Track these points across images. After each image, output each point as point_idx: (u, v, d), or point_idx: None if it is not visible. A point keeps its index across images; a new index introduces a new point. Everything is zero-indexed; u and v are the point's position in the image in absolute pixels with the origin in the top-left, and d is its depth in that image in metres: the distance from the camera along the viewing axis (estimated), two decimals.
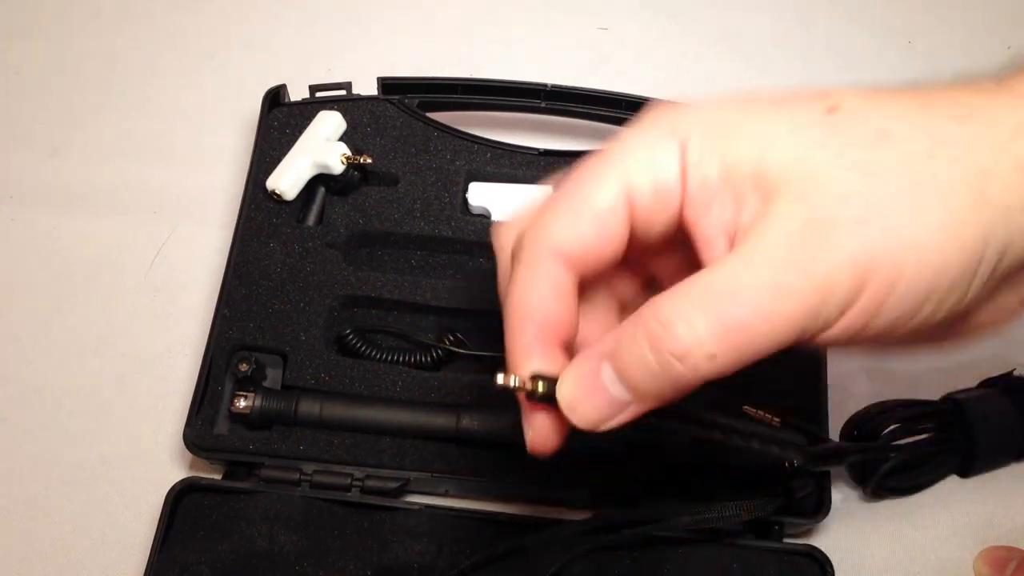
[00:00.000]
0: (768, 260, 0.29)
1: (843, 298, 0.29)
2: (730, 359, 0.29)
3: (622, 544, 0.52)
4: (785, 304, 0.29)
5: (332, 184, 0.59)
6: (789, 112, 0.31)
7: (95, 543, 0.54)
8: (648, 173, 0.32)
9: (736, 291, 0.29)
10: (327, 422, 0.53)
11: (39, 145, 0.67)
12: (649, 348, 0.30)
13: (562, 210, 0.33)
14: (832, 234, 0.29)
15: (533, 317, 0.33)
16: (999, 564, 0.52)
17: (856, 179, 0.30)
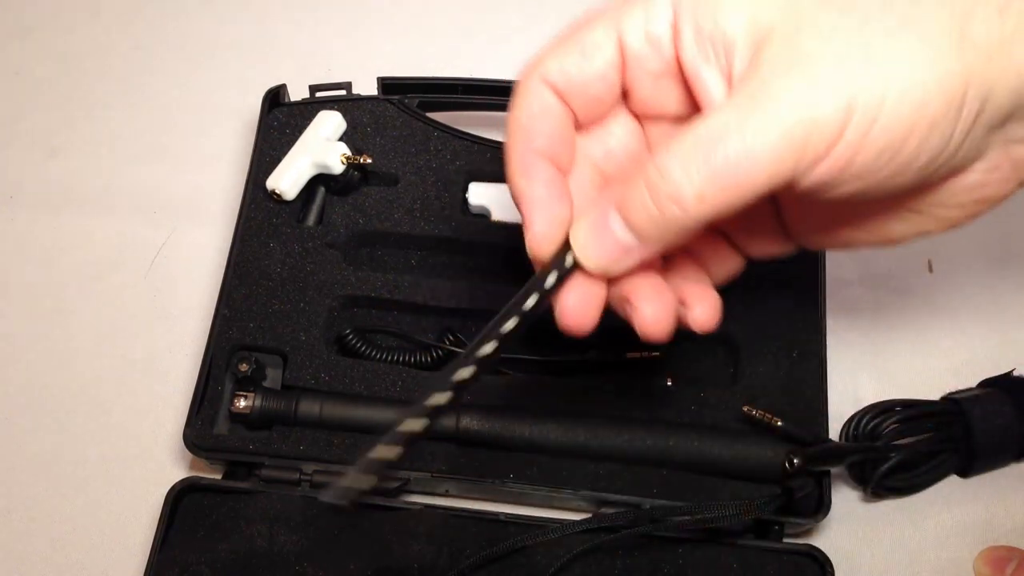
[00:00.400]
0: (752, 98, 0.31)
1: (828, 131, 0.30)
2: (719, 199, 0.31)
3: (622, 544, 0.52)
4: (768, 138, 0.30)
5: (332, 184, 0.59)
6: None
7: (95, 543, 0.54)
8: (639, 20, 0.34)
9: (723, 132, 0.31)
10: (327, 422, 0.53)
11: (39, 145, 0.68)
12: (648, 193, 0.32)
13: (553, 47, 0.37)
14: (815, 69, 0.30)
15: (524, 133, 0.36)
16: (999, 564, 0.52)
17: (840, 18, 0.31)
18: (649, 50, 0.35)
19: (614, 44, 0.35)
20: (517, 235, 0.57)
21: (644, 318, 0.36)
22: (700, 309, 0.37)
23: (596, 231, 0.34)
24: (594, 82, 0.36)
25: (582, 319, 0.36)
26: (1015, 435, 0.54)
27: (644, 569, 0.51)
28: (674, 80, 0.36)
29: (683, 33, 0.34)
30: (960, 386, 0.56)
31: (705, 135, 0.31)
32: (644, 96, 0.37)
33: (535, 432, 0.53)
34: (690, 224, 0.32)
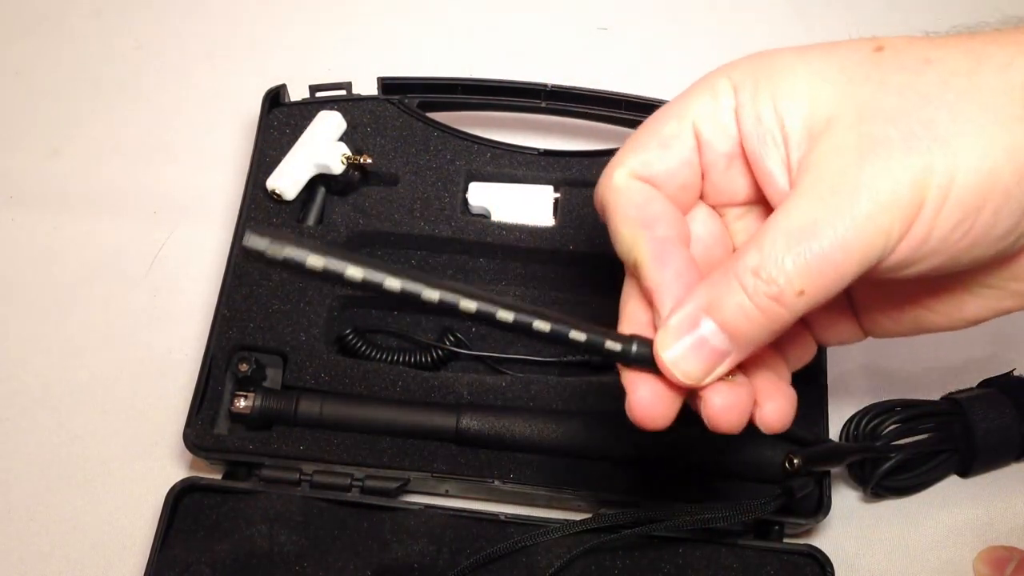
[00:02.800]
0: (836, 190, 0.31)
1: (907, 211, 0.30)
2: (819, 291, 0.31)
3: (622, 544, 0.52)
4: (860, 232, 0.30)
5: (332, 184, 0.59)
6: (839, 54, 0.33)
7: (95, 543, 0.54)
8: (708, 107, 0.35)
9: (813, 227, 0.31)
10: (327, 422, 0.53)
11: (39, 145, 0.67)
12: (747, 295, 0.32)
13: (629, 147, 0.36)
14: (886, 153, 0.31)
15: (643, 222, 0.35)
16: (999, 564, 0.52)
17: (901, 101, 0.31)
18: (720, 135, 0.35)
19: (690, 131, 0.35)
20: (517, 235, 0.58)
21: (712, 410, 0.34)
22: (771, 407, 0.35)
23: (686, 339, 0.33)
24: (680, 169, 0.36)
25: (657, 417, 0.34)
26: (1015, 435, 0.54)
27: (644, 569, 0.51)
28: (743, 164, 0.36)
29: (744, 121, 0.34)
30: (960, 386, 0.56)
31: (796, 231, 0.31)
32: (716, 182, 0.37)
33: (535, 432, 0.53)
34: (790, 320, 0.32)
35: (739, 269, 0.32)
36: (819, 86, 0.33)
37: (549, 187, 0.60)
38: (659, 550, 0.52)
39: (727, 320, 0.32)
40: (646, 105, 0.60)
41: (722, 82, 0.35)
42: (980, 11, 0.75)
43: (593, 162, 0.60)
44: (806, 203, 0.31)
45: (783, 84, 0.33)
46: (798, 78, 0.33)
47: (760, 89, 0.34)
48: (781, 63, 0.34)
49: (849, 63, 0.33)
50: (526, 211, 0.59)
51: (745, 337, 0.33)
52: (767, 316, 0.32)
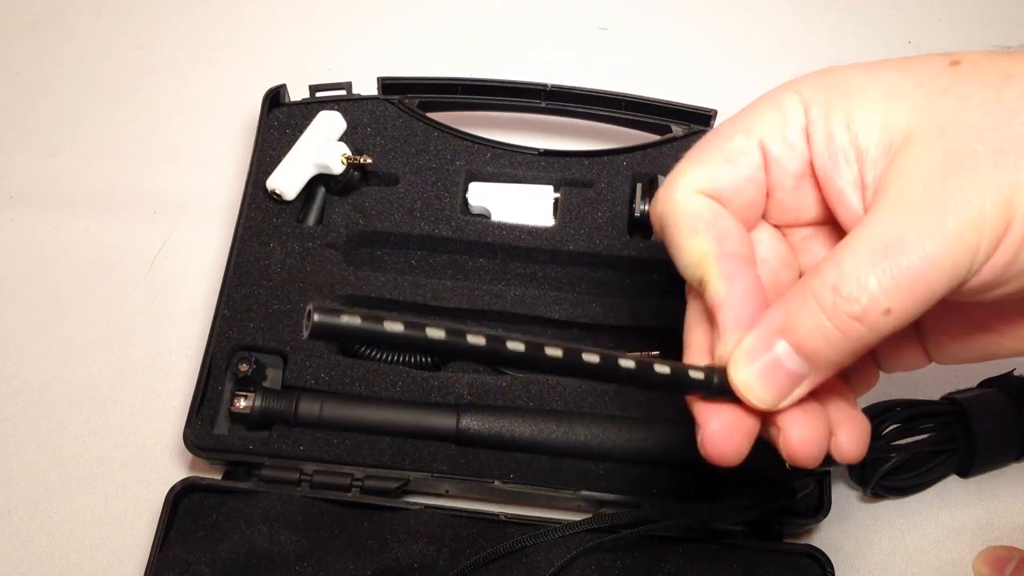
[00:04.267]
0: (921, 206, 0.30)
1: (994, 231, 0.29)
2: (906, 311, 0.30)
3: (622, 544, 0.52)
4: (948, 248, 0.29)
5: (332, 184, 0.59)
6: (914, 69, 0.32)
7: (95, 543, 0.54)
8: (777, 123, 0.34)
9: (900, 242, 0.29)
10: (327, 422, 0.53)
11: (39, 145, 0.68)
12: (825, 315, 0.30)
13: (693, 159, 0.35)
14: (973, 169, 0.29)
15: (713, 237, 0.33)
16: (999, 564, 0.52)
17: (986, 116, 0.30)
18: (788, 153, 0.34)
19: (756, 147, 0.34)
20: (517, 235, 0.58)
21: (792, 442, 0.33)
22: (846, 436, 0.34)
23: (760, 362, 0.32)
24: (746, 186, 0.34)
25: (729, 453, 0.33)
26: (1015, 435, 0.54)
27: (644, 569, 0.51)
28: (812, 183, 0.34)
29: (815, 139, 0.33)
30: (960, 386, 0.56)
31: (881, 247, 0.30)
32: (782, 200, 0.35)
33: (535, 432, 0.53)
34: (873, 342, 0.30)
35: (817, 287, 0.30)
36: (895, 102, 0.31)
37: (549, 187, 0.60)
38: (659, 550, 0.52)
39: (803, 341, 0.31)
40: (646, 105, 0.60)
41: (791, 99, 0.34)
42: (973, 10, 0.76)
43: (593, 162, 0.60)
44: (889, 219, 0.30)
45: (856, 101, 0.32)
46: (871, 95, 0.32)
47: (832, 107, 0.33)
48: (853, 80, 0.33)
49: (925, 77, 0.32)
50: (526, 211, 0.59)
51: (823, 359, 0.31)
52: (848, 336, 0.30)
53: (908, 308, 0.29)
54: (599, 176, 0.59)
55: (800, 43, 0.73)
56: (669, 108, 0.60)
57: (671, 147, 0.60)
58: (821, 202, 0.35)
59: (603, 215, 0.58)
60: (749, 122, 0.34)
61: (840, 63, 0.66)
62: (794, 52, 0.72)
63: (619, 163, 0.60)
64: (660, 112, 0.61)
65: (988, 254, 0.30)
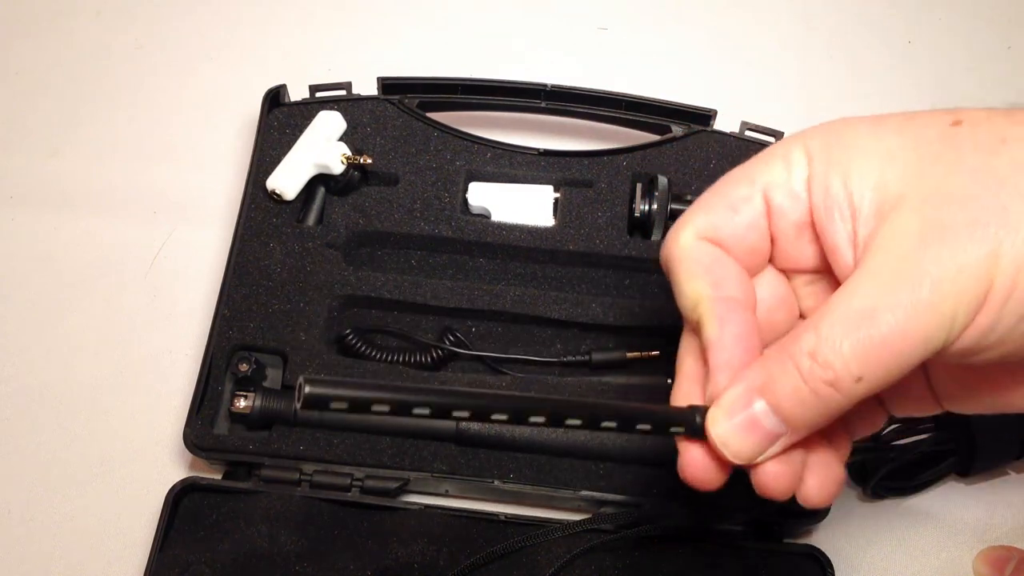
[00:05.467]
0: (896, 276, 0.30)
1: (971, 299, 0.29)
2: (877, 378, 0.30)
3: (622, 544, 0.52)
4: (920, 319, 0.29)
5: (332, 184, 0.59)
6: (914, 129, 0.32)
7: (95, 543, 0.54)
8: (781, 175, 0.34)
9: (873, 313, 0.30)
10: (327, 422, 0.53)
11: (39, 145, 0.67)
12: (801, 379, 0.31)
13: (697, 208, 0.36)
14: (952, 238, 0.30)
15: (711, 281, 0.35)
16: (998, 564, 0.52)
17: (972, 184, 0.30)
18: (791, 203, 0.34)
19: (760, 197, 0.35)
20: (517, 235, 0.58)
21: (763, 476, 0.34)
22: (816, 482, 0.35)
23: (739, 421, 0.33)
24: (747, 233, 0.35)
25: (708, 481, 0.35)
26: (1015, 435, 0.54)
27: (644, 569, 0.51)
28: (812, 233, 0.35)
29: (814, 192, 0.34)
30: None
31: (855, 315, 0.30)
32: (785, 248, 0.36)
33: (535, 432, 0.53)
34: (846, 406, 0.31)
35: (795, 351, 0.31)
36: (890, 163, 0.32)
37: (549, 187, 0.60)
38: (659, 550, 0.52)
39: (780, 403, 0.32)
40: (646, 105, 0.60)
41: (797, 150, 0.34)
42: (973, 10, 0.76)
43: (593, 162, 0.60)
44: (866, 286, 0.31)
45: (855, 159, 0.33)
46: (870, 153, 0.32)
47: (832, 161, 0.33)
48: (854, 136, 0.33)
49: (923, 140, 0.32)
50: (526, 211, 0.59)
51: (799, 420, 0.32)
52: (822, 401, 0.31)
53: (879, 376, 0.30)
54: (599, 176, 0.59)
55: (800, 43, 0.73)
56: (669, 108, 0.60)
57: (671, 147, 0.60)
58: (822, 252, 0.35)
59: (603, 215, 0.58)
60: (755, 172, 0.35)
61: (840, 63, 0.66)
62: (794, 52, 0.72)
63: (619, 163, 0.60)
64: (660, 112, 0.61)
65: (965, 323, 0.30)
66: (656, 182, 0.58)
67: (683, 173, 0.59)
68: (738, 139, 0.60)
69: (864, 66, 0.72)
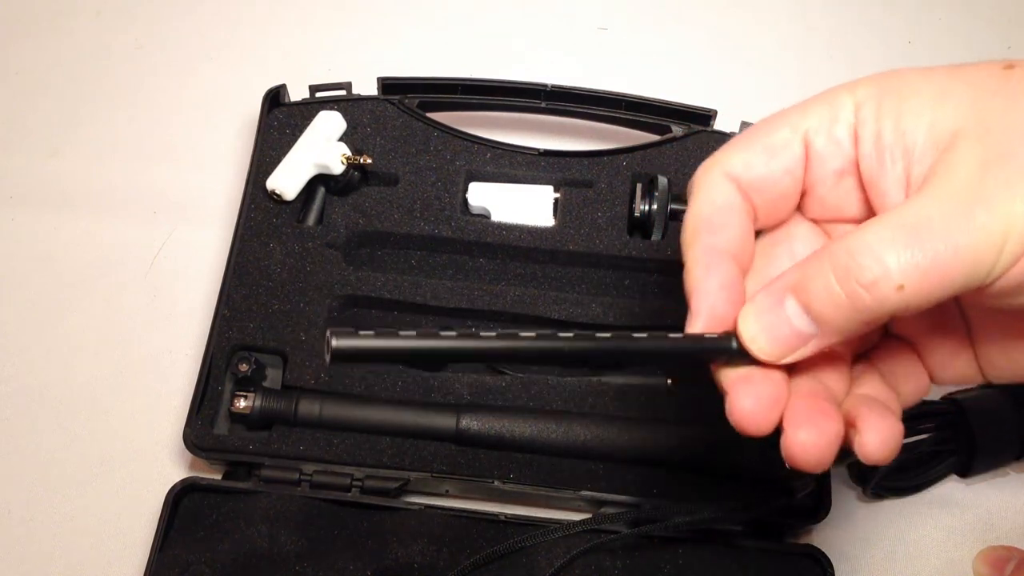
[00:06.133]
0: (954, 196, 0.30)
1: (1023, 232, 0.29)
2: (920, 292, 0.29)
3: (622, 544, 0.52)
4: (974, 237, 0.29)
5: (332, 184, 0.59)
6: (967, 72, 0.32)
7: (95, 543, 0.54)
8: (825, 120, 0.34)
9: (927, 224, 0.29)
10: (327, 422, 0.53)
11: (39, 145, 0.67)
12: (836, 278, 0.30)
13: (735, 144, 0.35)
14: (1012, 167, 0.29)
15: (708, 226, 0.34)
16: (999, 564, 0.52)
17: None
18: (833, 149, 0.34)
19: (800, 142, 0.34)
20: (517, 235, 0.58)
21: (794, 446, 0.33)
22: (873, 437, 0.34)
23: (768, 317, 0.32)
24: (781, 178, 0.35)
25: (759, 417, 0.33)
26: (1015, 435, 0.54)
27: (644, 569, 0.51)
28: (854, 181, 0.35)
29: (863, 138, 0.33)
30: (960, 386, 0.56)
31: (908, 225, 0.30)
32: (823, 196, 0.36)
33: (535, 432, 0.53)
34: (879, 315, 0.30)
35: (835, 250, 0.31)
36: (945, 102, 0.32)
37: (549, 187, 0.60)
38: (659, 550, 0.52)
39: (812, 301, 0.31)
40: (646, 105, 0.60)
41: (844, 98, 0.34)
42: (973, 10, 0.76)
43: (593, 162, 0.60)
44: (922, 204, 0.30)
45: (907, 102, 0.32)
46: (923, 96, 0.32)
47: (884, 107, 0.33)
48: (906, 82, 0.33)
49: (977, 79, 0.32)
50: (526, 211, 0.59)
51: (829, 322, 0.31)
52: (854, 305, 0.30)
53: (921, 292, 0.29)
54: (599, 176, 0.59)
55: (800, 43, 0.73)
56: (669, 108, 0.60)
57: (671, 147, 0.60)
58: (864, 200, 0.35)
59: (603, 215, 0.58)
60: (799, 117, 0.35)
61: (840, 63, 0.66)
62: (794, 52, 0.72)
63: (619, 163, 0.60)
64: (660, 112, 0.61)
65: (1015, 255, 0.29)
66: (656, 182, 0.58)
67: (683, 173, 0.59)
68: None
69: (864, 66, 0.71)
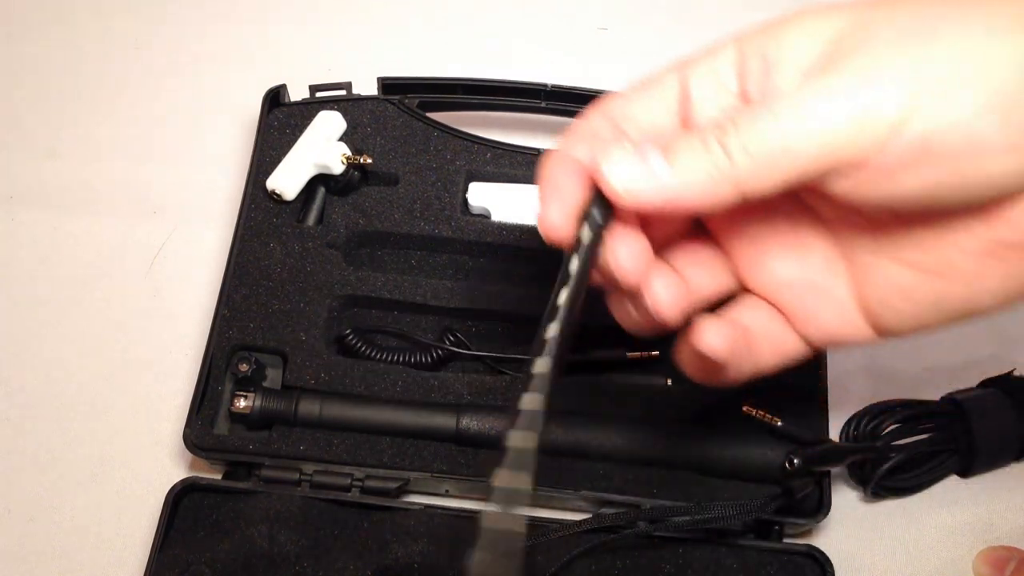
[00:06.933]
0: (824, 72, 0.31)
1: (891, 103, 0.30)
2: (762, 164, 0.31)
3: (622, 544, 0.52)
4: (831, 104, 0.30)
5: (332, 184, 0.59)
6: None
7: (95, 543, 0.54)
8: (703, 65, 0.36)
9: (781, 100, 0.31)
10: (327, 422, 0.53)
11: (39, 145, 0.68)
12: (699, 137, 0.32)
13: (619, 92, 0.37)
14: (882, 46, 0.31)
15: (571, 141, 0.36)
16: (999, 564, 0.52)
17: (909, 16, 0.31)
18: (713, 90, 0.35)
19: (675, 80, 0.36)
20: (517, 235, 0.58)
21: (654, 296, 0.37)
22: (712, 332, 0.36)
23: (629, 154, 0.33)
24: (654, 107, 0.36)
25: (634, 267, 0.36)
26: (1015, 435, 0.54)
27: (644, 569, 0.51)
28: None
29: (749, 69, 0.34)
30: (960, 386, 0.56)
31: (767, 104, 0.32)
32: None
33: None
34: (729, 175, 0.32)
35: (707, 121, 0.33)
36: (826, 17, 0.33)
37: None
38: (659, 550, 0.52)
39: (669, 146, 0.32)
40: None
41: (726, 45, 0.36)
42: None
43: None
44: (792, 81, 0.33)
45: (791, 25, 0.34)
46: (806, 17, 0.34)
47: (768, 35, 0.34)
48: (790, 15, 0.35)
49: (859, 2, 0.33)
50: (526, 211, 0.59)
51: (680, 167, 0.32)
52: (711, 159, 0.32)
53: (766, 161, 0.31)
54: None
55: None
56: None
57: None
58: None
59: None
60: (677, 62, 0.36)
61: None
62: None
63: None
64: None
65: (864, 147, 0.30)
66: None
67: None
68: None
69: None
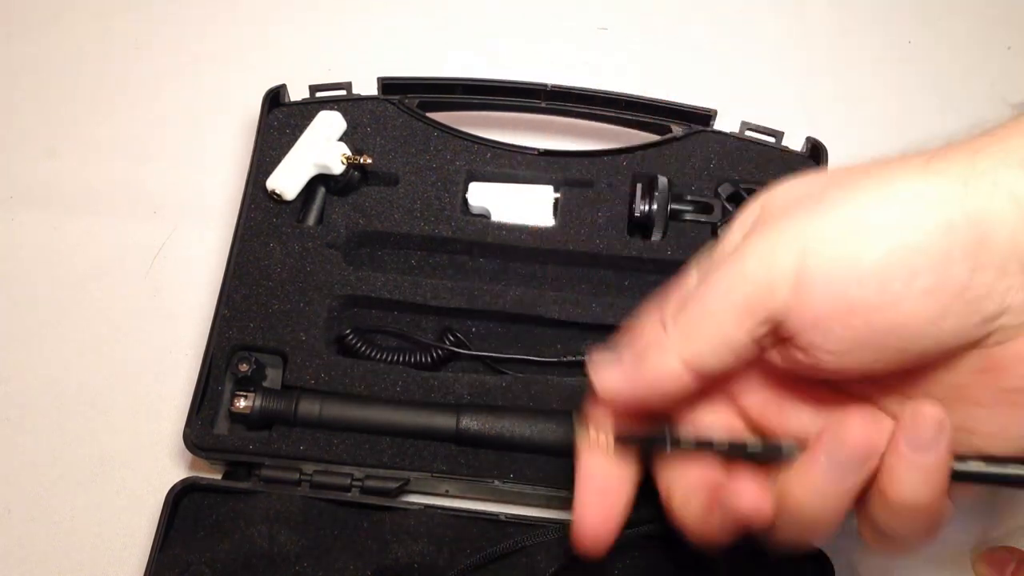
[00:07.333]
0: (730, 255, 0.35)
1: (788, 270, 0.32)
2: (698, 339, 0.35)
3: (622, 544, 0.51)
4: (742, 280, 0.33)
5: (332, 184, 0.59)
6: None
7: (95, 543, 0.54)
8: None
9: (706, 278, 0.35)
10: (327, 422, 0.53)
11: (39, 145, 0.68)
12: (652, 329, 0.36)
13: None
14: (774, 222, 0.34)
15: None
16: (999, 564, 0.52)
17: (815, 187, 0.34)
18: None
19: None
20: (517, 235, 0.58)
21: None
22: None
23: (610, 360, 0.37)
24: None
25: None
26: None
27: (644, 569, 0.51)
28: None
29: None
30: None
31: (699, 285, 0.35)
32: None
33: (535, 432, 0.53)
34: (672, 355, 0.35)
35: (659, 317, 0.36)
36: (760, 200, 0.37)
37: (549, 187, 0.60)
38: (659, 550, 0.52)
39: (633, 340, 0.37)
40: (646, 105, 0.60)
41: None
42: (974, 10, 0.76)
43: (593, 162, 0.60)
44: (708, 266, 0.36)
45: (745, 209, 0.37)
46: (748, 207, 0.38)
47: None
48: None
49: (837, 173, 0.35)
50: (526, 211, 0.59)
51: (644, 365, 0.36)
52: (659, 346, 0.35)
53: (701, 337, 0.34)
54: (599, 176, 0.59)
55: (800, 43, 0.73)
56: (669, 108, 0.60)
57: (671, 147, 0.60)
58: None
59: (603, 215, 0.58)
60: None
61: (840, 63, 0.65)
62: (794, 52, 0.72)
63: (619, 163, 0.60)
64: (660, 112, 0.61)
65: (783, 298, 0.32)
66: (656, 182, 0.58)
67: (683, 173, 0.59)
68: (738, 139, 0.60)
69: (864, 66, 0.72)
